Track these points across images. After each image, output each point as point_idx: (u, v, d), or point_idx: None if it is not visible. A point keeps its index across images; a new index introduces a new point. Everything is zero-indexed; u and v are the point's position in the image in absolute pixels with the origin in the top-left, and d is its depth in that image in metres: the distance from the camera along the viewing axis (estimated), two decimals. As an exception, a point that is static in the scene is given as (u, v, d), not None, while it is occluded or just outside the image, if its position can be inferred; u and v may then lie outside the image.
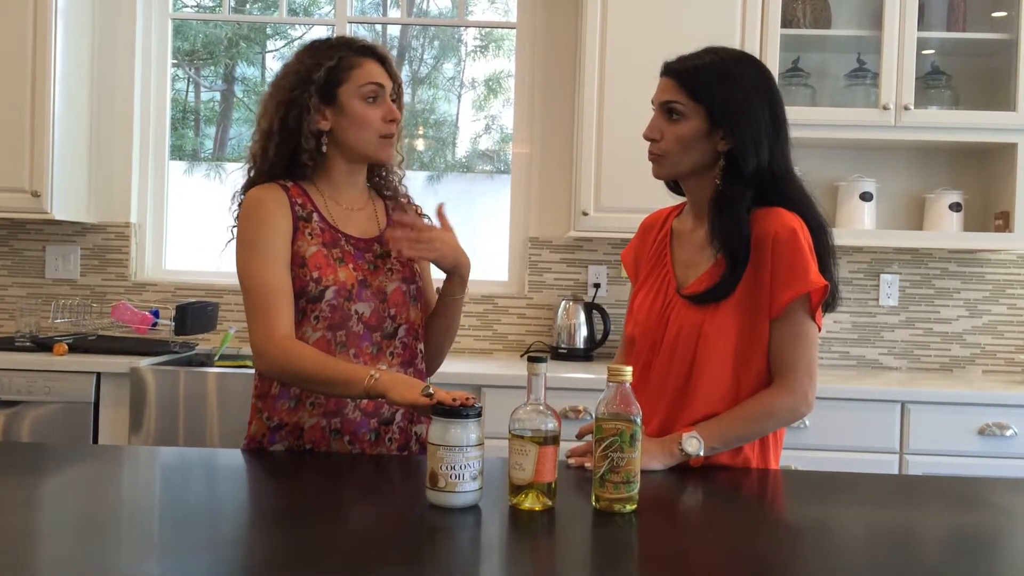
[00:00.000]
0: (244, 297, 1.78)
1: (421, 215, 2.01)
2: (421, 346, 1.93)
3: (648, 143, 1.79)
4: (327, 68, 1.80)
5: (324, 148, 1.84)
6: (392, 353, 1.85)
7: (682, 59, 1.78)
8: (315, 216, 1.82)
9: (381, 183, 1.98)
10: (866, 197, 3.39)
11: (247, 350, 3.46)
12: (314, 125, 1.81)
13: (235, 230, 1.83)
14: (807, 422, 2.89)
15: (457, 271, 1.85)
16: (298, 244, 1.79)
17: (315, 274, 1.78)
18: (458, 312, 1.96)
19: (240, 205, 1.85)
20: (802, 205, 1.75)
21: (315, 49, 1.85)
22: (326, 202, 1.86)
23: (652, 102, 1.80)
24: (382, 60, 1.85)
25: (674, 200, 1.94)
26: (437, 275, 1.95)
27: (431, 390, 1.55)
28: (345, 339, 1.80)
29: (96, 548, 1.25)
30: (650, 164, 1.82)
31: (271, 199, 1.80)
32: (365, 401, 1.81)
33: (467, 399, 1.47)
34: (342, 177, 1.88)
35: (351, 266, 1.82)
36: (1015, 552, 1.40)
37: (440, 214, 1.82)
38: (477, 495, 1.41)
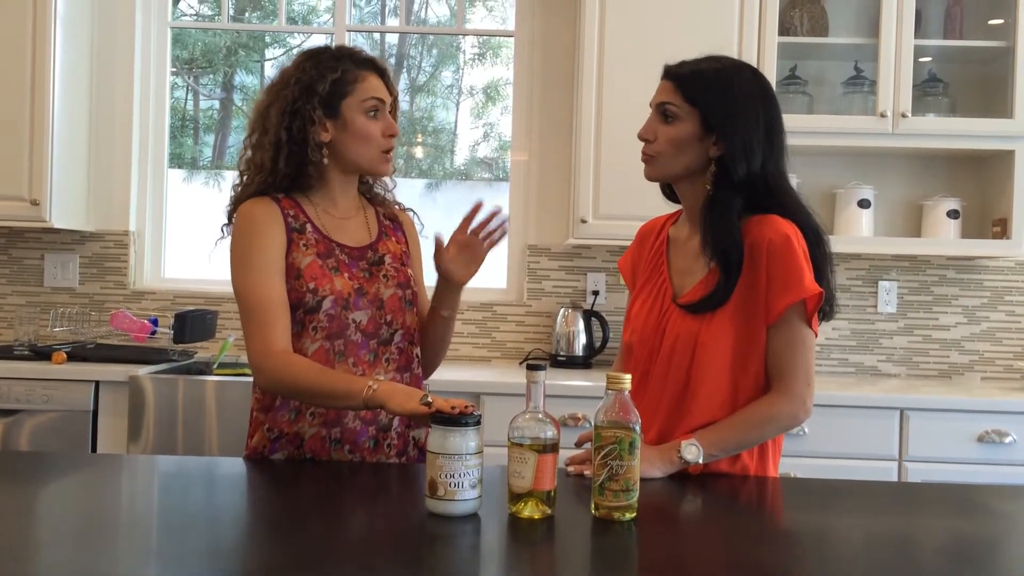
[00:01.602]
0: (240, 311, 1.79)
1: (401, 208, 2.02)
2: (417, 351, 1.94)
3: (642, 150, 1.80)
4: (331, 80, 1.79)
5: (325, 160, 1.84)
6: (388, 359, 1.86)
7: (683, 63, 1.79)
8: (308, 227, 1.83)
9: (366, 191, 1.99)
10: (864, 204, 3.40)
11: (246, 358, 3.45)
12: (317, 137, 1.81)
13: (229, 242, 1.84)
14: (806, 429, 2.89)
15: (462, 284, 1.87)
16: (292, 256, 1.79)
17: (311, 285, 1.78)
18: (451, 328, 1.98)
19: (233, 219, 1.84)
20: (797, 213, 1.76)
21: (317, 58, 1.83)
22: (318, 212, 1.86)
23: (650, 104, 1.81)
24: (382, 73, 1.86)
25: (671, 208, 1.95)
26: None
27: (430, 399, 1.55)
28: (343, 348, 1.80)
29: (95, 556, 1.25)
30: (649, 171, 1.83)
31: (264, 212, 1.80)
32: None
33: (466, 407, 1.47)
34: (337, 187, 1.88)
35: (346, 275, 1.82)
36: (1015, 559, 1.40)
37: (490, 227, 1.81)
38: (476, 503, 1.41)
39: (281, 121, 1.79)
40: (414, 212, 2.05)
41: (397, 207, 2.01)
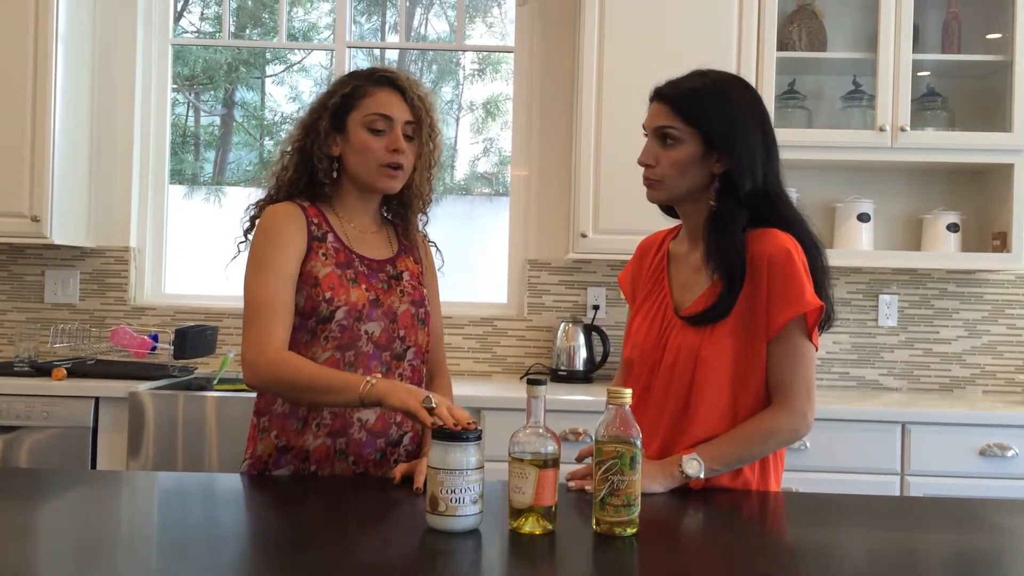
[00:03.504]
0: (244, 307, 1.78)
1: (423, 235, 2.03)
2: (425, 369, 1.95)
3: (642, 167, 1.80)
4: (341, 95, 1.85)
5: (335, 173, 1.87)
6: (401, 375, 1.87)
7: (673, 84, 1.79)
8: (330, 236, 1.85)
9: (387, 216, 2.00)
10: (863, 218, 3.40)
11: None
12: (326, 149, 1.85)
13: (249, 243, 1.86)
14: (807, 443, 2.88)
15: None
16: (311, 264, 1.80)
17: (327, 295, 1.79)
18: None
19: (256, 219, 1.87)
20: (795, 224, 1.76)
21: (341, 78, 1.91)
22: (342, 223, 1.88)
23: (644, 127, 1.81)
24: (401, 91, 1.86)
25: (670, 222, 1.95)
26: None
27: (433, 403, 1.54)
28: (354, 359, 1.81)
29: (94, 574, 1.24)
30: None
31: (288, 215, 1.82)
32: (372, 421, 1.81)
33: (468, 423, 1.47)
34: (353, 203, 1.91)
35: (363, 286, 1.83)
36: (1017, 573, 1.40)
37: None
38: (477, 519, 1.40)
39: (298, 133, 1.88)
40: (436, 247, 2.06)
41: (419, 234, 2.02)
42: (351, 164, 1.85)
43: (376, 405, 1.65)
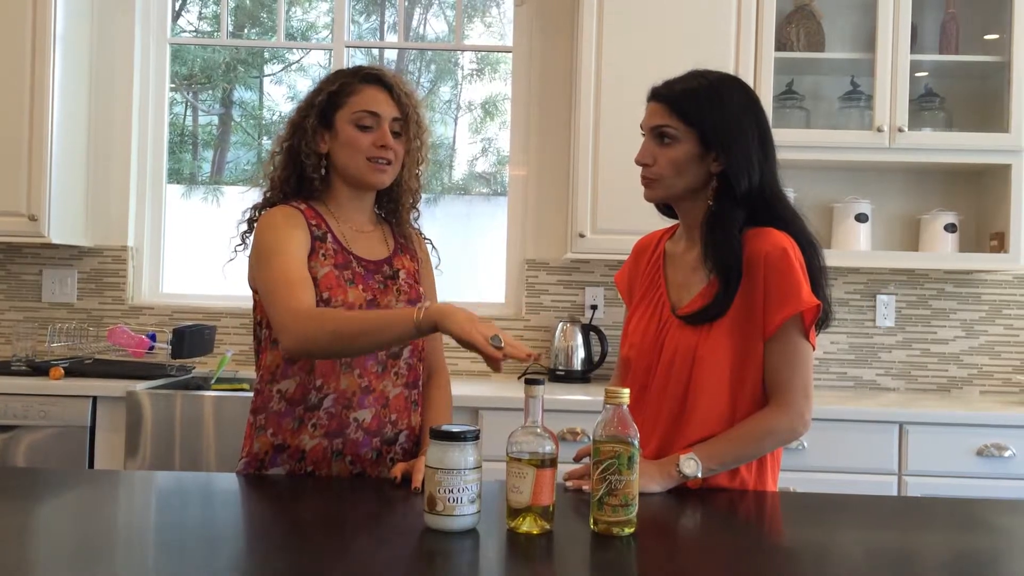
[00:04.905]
0: (265, 293, 1.76)
1: (418, 232, 2.04)
2: (423, 367, 1.95)
3: (640, 167, 1.80)
4: (328, 93, 1.86)
5: (324, 170, 1.88)
6: (397, 373, 1.87)
7: (670, 84, 1.79)
8: (329, 237, 1.85)
9: (381, 215, 2.00)
10: (861, 218, 3.40)
11: (244, 373, 3.45)
12: (314, 146, 1.86)
13: (250, 244, 1.86)
14: (805, 443, 2.89)
15: None
16: (311, 264, 1.80)
17: (325, 295, 1.79)
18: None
19: (255, 222, 1.87)
20: (792, 224, 1.76)
21: (328, 76, 1.91)
22: (338, 223, 1.88)
23: (641, 127, 1.81)
24: (389, 89, 1.86)
25: (667, 223, 1.95)
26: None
27: (501, 342, 1.51)
28: (350, 359, 1.81)
29: (92, 574, 1.24)
30: (645, 186, 1.83)
31: (290, 215, 1.83)
32: (368, 421, 1.81)
33: (536, 356, 1.52)
34: (346, 200, 1.90)
35: (360, 287, 1.84)
36: (1015, 574, 1.40)
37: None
38: (475, 519, 1.40)
39: (287, 131, 1.88)
40: (432, 244, 2.06)
41: (414, 230, 2.02)
42: (339, 160, 1.86)
43: (433, 330, 1.59)
